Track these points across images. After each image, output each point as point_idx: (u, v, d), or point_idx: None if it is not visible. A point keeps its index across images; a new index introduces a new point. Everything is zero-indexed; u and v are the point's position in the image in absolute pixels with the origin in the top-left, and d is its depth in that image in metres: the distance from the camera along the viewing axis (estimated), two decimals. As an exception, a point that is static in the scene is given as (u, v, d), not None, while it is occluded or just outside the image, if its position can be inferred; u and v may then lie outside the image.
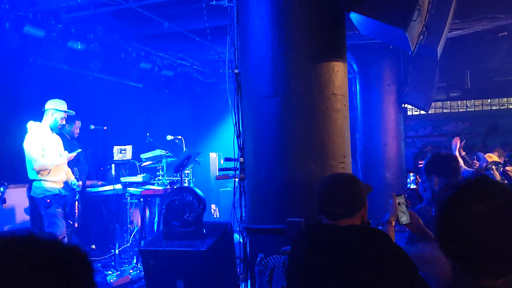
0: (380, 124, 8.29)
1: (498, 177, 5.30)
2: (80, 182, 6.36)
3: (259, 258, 3.35)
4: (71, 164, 6.40)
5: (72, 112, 6.24)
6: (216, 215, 9.82)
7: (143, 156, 7.08)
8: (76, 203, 6.21)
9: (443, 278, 1.73)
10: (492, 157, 5.60)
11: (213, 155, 10.32)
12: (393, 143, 8.98)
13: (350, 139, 4.27)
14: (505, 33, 7.91)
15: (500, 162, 6.01)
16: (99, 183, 7.33)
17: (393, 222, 2.91)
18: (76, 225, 6.31)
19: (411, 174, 4.76)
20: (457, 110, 13.05)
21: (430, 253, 2.25)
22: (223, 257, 4.35)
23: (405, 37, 3.63)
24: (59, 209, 5.91)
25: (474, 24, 6.92)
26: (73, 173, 6.22)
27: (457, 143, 6.46)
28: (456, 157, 3.78)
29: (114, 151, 7.02)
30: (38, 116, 6.04)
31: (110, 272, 6.16)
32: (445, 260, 1.44)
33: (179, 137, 7.07)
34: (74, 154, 6.11)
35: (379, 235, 2.02)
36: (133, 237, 7.16)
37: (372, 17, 3.53)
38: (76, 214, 6.22)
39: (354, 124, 8.98)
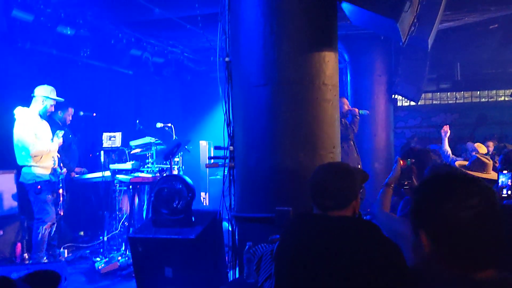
0: (370, 114, 8.31)
1: None
2: (65, 170, 6.32)
3: (247, 246, 3.37)
4: (61, 151, 6.36)
5: (62, 99, 6.19)
6: (205, 203, 9.84)
7: (132, 143, 7.04)
8: (61, 190, 6.17)
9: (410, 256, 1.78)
10: (482, 147, 5.64)
11: (203, 143, 10.31)
12: (382, 133, 9.04)
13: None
14: (496, 25, 7.95)
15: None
16: (82, 170, 7.30)
17: (392, 185, 3.00)
18: (62, 213, 6.28)
19: None
20: (446, 102, 13.12)
21: (404, 230, 2.32)
22: (212, 245, 4.37)
23: (397, 28, 3.64)
24: (49, 196, 5.89)
25: (465, 16, 6.94)
26: (58, 161, 6.17)
27: (447, 131, 6.54)
28: (428, 151, 3.85)
29: (103, 138, 6.97)
30: (26, 101, 5.97)
31: (98, 259, 6.16)
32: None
33: (169, 124, 7.04)
34: (60, 139, 6.06)
35: (369, 227, 2.04)
36: (122, 224, 7.16)
37: (364, 7, 3.53)
38: (61, 201, 6.18)
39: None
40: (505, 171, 2.97)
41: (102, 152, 6.83)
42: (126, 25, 7.76)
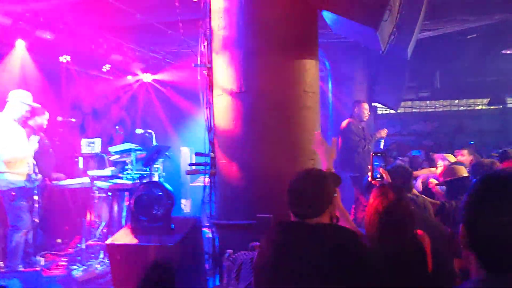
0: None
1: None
2: (40, 176, 6.20)
3: (227, 254, 3.35)
4: (38, 157, 6.24)
5: (38, 105, 6.08)
6: (186, 210, 9.75)
7: (112, 149, 6.95)
8: (36, 197, 6.04)
9: None
10: (450, 156, 5.71)
11: (184, 150, 10.23)
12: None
13: (323, 134, 4.30)
14: (474, 35, 8.10)
15: None
16: (59, 176, 7.17)
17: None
18: (37, 220, 6.14)
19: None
20: (425, 110, 13.32)
21: None
22: (192, 252, 4.33)
23: (376, 37, 3.68)
24: (24, 203, 5.75)
25: (444, 25, 7.06)
26: (34, 167, 6.05)
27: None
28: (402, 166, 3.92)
29: (82, 144, 6.87)
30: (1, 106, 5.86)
31: (76, 267, 6.04)
32: None
33: (149, 131, 6.98)
34: (36, 145, 5.94)
35: (346, 233, 2.05)
36: (100, 231, 7.04)
37: (345, 16, 3.56)
38: (36, 208, 6.05)
39: (326, 121, 9.06)
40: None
41: (80, 158, 6.73)
42: (107, 30, 7.69)
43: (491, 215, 1.24)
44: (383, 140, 7.44)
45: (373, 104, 9.74)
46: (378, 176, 3.09)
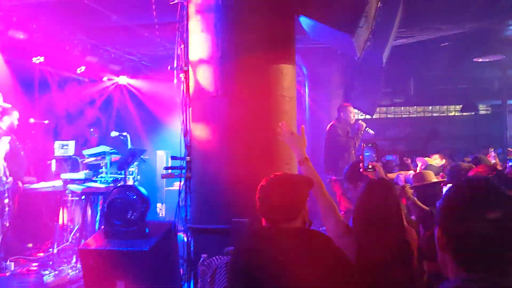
0: (325, 127, 8.42)
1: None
2: (11, 179, 6.05)
3: (202, 259, 3.33)
4: (9, 159, 6.09)
5: (8, 105, 5.95)
6: (162, 214, 9.65)
7: (86, 152, 6.84)
8: (7, 200, 5.89)
9: None
10: (431, 161, 5.82)
11: (160, 153, 10.14)
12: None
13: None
14: (447, 43, 8.27)
15: None
16: (31, 179, 7.02)
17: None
18: (7, 224, 5.99)
19: None
20: (400, 116, 13.53)
21: None
22: (166, 257, 4.28)
23: (352, 43, 3.72)
24: (-7, 206, 5.62)
25: (418, 33, 7.20)
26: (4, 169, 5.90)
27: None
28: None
29: (55, 146, 6.74)
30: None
31: (47, 272, 5.91)
32: None
33: (124, 133, 6.89)
34: (7, 146, 5.80)
35: (319, 237, 2.05)
36: (73, 235, 6.91)
37: (321, 21, 3.59)
38: (6, 211, 5.90)
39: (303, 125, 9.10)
40: (448, 185, 3.04)
41: (53, 161, 6.60)
42: (82, 31, 7.57)
43: (469, 217, 1.30)
44: (368, 128, 7.49)
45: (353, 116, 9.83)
46: (370, 167, 3.01)
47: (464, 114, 13.12)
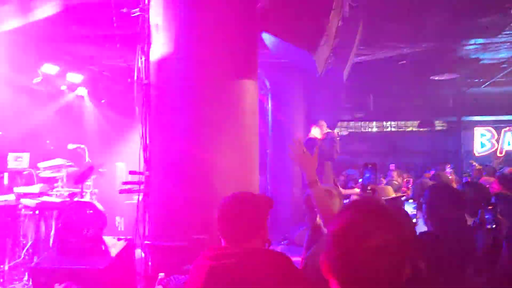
0: (289, 141, 8.50)
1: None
2: None
3: (159, 278, 3.24)
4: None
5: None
6: (120, 228, 9.42)
7: (41, 165, 6.60)
8: None
9: None
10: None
11: (120, 165, 9.92)
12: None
13: (261, 153, 4.30)
14: (404, 61, 8.53)
15: None
16: None
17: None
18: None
19: None
20: (360, 130, 13.80)
21: None
22: (123, 275, 4.16)
23: (313, 61, 3.76)
24: None
25: (377, 51, 7.38)
26: None
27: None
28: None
29: (8, 158, 6.47)
30: None
31: (-4, 291, 5.64)
32: None
33: (82, 146, 6.70)
34: None
35: (278, 258, 2.03)
36: (25, 252, 6.62)
37: (283, 39, 3.62)
38: None
39: (265, 139, 9.14)
40: (410, 201, 3.09)
41: (6, 174, 6.33)
42: (40, 39, 7.35)
43: (357, 242, 1.25)
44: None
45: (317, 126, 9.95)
46: (369, 188, 2.82)
47: (421, 129, 13.52)
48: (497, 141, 14.01)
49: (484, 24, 6.93)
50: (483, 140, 14.10)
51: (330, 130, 7.55)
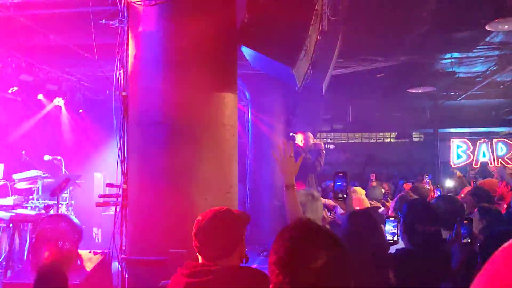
0: (269, 152, 8.52)
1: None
2: None
3: (136, 293, 3.20)
4: None
5: None
6: (98, 239, 9.28)
7: (16, 176, 6.47)
8: None
9: None
10: (359, 190, 5.95)
11: (98, 176, 9.79)
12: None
13: (241, 164, 4.28)
14: (382, 74, 8.66)
15: None
16: None
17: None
18: None
19: None
20: (339, 141, 13.92)
21: None
22: (99, 290, 4.09)
23: (292, 74, 3.79)
24: None
25: (356, 64, 7.48)
26: None
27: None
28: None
29: (-19, 170, 6.33)
30: None
31: (-33, 306, 5.46)
32: None
33: (58, 157, 6.59)
34: None
35: (254, 275, 2.03)
36: (-1, 265, 6.46)
37: (263, 53, 3.64)
38: None
39: (245, 150, 9.13)
40: (391, 218, 3.09)
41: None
42: (16, 49, 7.24)
43: (302, 266, 1.26)
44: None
45: (291, 134, 10.01)
46: (340, 196, 2.92)
47: (399, 140, 13.71)
48: (473, 152, 14.28)
49: (459, 39, 7.09)
50: (459, 152, 14.35)
51: (317, 142, 7.62)
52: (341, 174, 2.96)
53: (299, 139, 7.49)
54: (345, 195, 2.95)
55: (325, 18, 4.41)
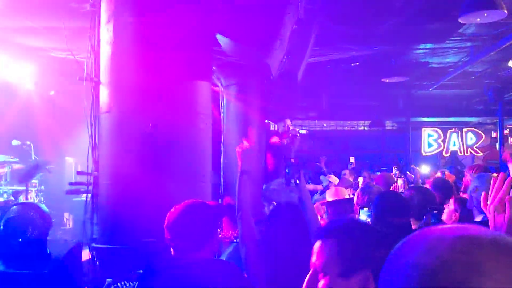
0: (244, 136, 8.47)
1: None
2: None
3: (106, 283, 3.16)
4: None
5: None
6: (69, 224, 9.15)
7: (-18, 161, 6.30)
8: None
9: None
10: (332, 178, 6.03)
11: (69, 160, 9.63)
12: (254, 158, 9.27)
13: (215, 151, 4.27)
14: (357, 63, 8.71)
15: None
16: None
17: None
18: None
19: None
20: (314, 129, 14.00)
21: None
22: (69, 280, 4.02)
23: (267, 64, 3.77)
24: None
25: (331, 53, 7.50)
26: None
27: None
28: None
29: None
30: None
31: None
32: None
33: (28, 142, 6.43)
34: None
35: (226, 268, 2.03)
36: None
37: (238, 42, 3.60)
38: None
39: (219, 137, 9.08)
40: (365, 208, 3.13)
41: None
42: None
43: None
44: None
45: (266, 121, 9.99)
46: (292, 182, 2.98)
47: (372, 129, 13.88)
48: (443, 141, 14.59)
49: (432, 30, 7.17)
50: (430, 140, 14.65)
51: (292, 129, 7.64)
52: (289, 162, 3.11)
53: (281, 126, 7.52)
54: (297, 180, 3.01)
55: (301, 7, 4.39)
